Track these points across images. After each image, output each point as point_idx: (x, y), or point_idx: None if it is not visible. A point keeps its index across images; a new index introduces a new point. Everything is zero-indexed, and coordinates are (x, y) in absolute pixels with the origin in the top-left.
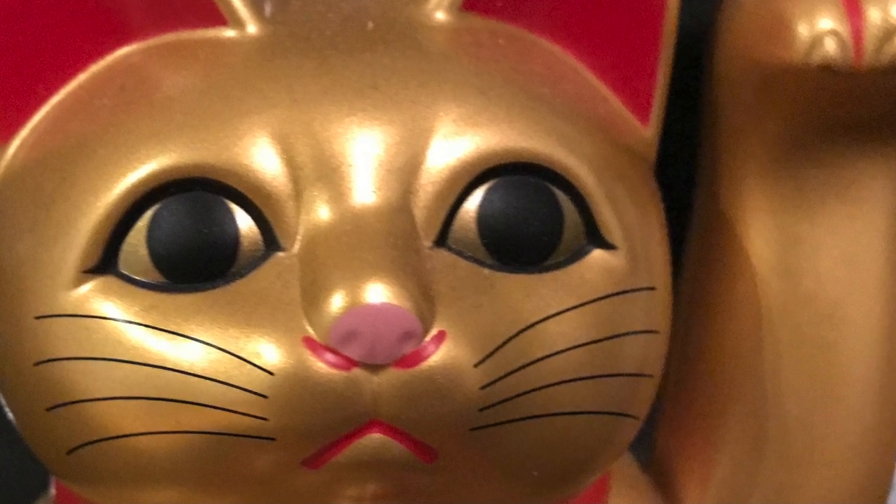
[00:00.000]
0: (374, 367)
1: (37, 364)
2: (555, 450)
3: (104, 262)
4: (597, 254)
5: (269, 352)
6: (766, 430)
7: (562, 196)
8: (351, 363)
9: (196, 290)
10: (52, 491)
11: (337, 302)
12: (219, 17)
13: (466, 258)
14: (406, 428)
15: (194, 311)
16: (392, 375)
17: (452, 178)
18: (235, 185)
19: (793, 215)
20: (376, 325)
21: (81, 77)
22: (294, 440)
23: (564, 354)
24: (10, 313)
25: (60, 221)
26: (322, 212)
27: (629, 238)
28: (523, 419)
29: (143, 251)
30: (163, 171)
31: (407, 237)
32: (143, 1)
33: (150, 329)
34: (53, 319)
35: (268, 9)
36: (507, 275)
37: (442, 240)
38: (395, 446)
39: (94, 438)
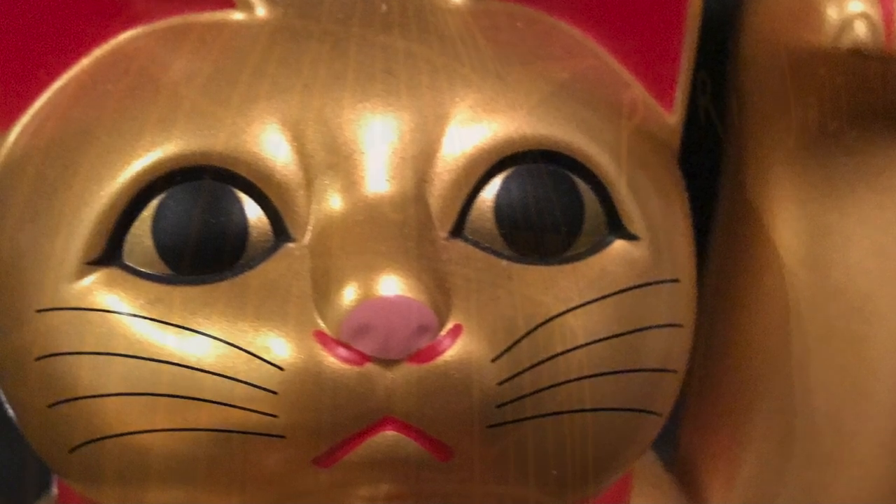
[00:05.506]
0: (387, 363)
1: (38, 359)
2: (575, 448)
3: (108, 253)
4: (618, 245)
5: (278, 346)
6: (794, 428)
7: (582, 185)
8: (364, 358)
9: (203, 282)
10: (55, 490)
11: (349, 294)
12: None
13: (483, 249)
14: (421, 425)
15: (201, 304)
16: (406, 371)
17: (469, 167)
18: (244, 174)
19: (821, 205)
20: (390, 318)
21: (84, 62)
22: (304, 438)
23: (585, 349)
24: (11, 306)
25: (63, 211)
26: (334, 201)
27: (652, 228)
28: (542, 416)
29: (149, 242)
30: (168, 159)
31: (422, 227)
32: None
33: (156, 322)
34: (56, 312)
35: None
36: (526, 266)
37: (458, 230)
38: (409, 444)
39: (98, 436)
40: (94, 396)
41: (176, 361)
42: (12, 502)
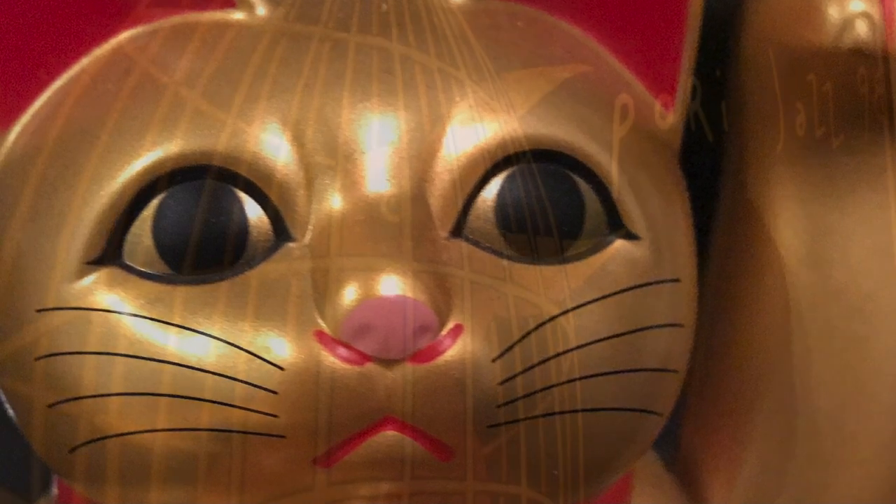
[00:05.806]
0: (388, 363)
1: (39, 359)
2: (576, 448)
3: (108, 252)
4: (619, 244)
5: (279, 346)
6: (795, 428)
7: (583, 184)
8: (364, 358)
9: (203, 281)
10: (55, 490)
11: (349, 294)
12: None
13: (484, 249)
14: (421, 425)
15: (201, 304)
16: (407, 371)
17: (469, 166)
18: (244, 174)
19: (823, 204)
20: (390, 318)
21: (84, 61)
22: (305, 438)
23: (586, 349)
24: (11, 306)
25: (63, 211)
26: (334, 201)
27: (653, 228)
28: (543, 416)
29: (149, 241)
30: (169, 159)
31: (422, 227)
32: None
33: (156, 322)
34: (55, 312)
35: None
36: (527, 266)
37: (458, 230)
38: (409, 444)
39: (97, 436)
40: (94, 396)
41: (176, 361)
42: (12, 502)
